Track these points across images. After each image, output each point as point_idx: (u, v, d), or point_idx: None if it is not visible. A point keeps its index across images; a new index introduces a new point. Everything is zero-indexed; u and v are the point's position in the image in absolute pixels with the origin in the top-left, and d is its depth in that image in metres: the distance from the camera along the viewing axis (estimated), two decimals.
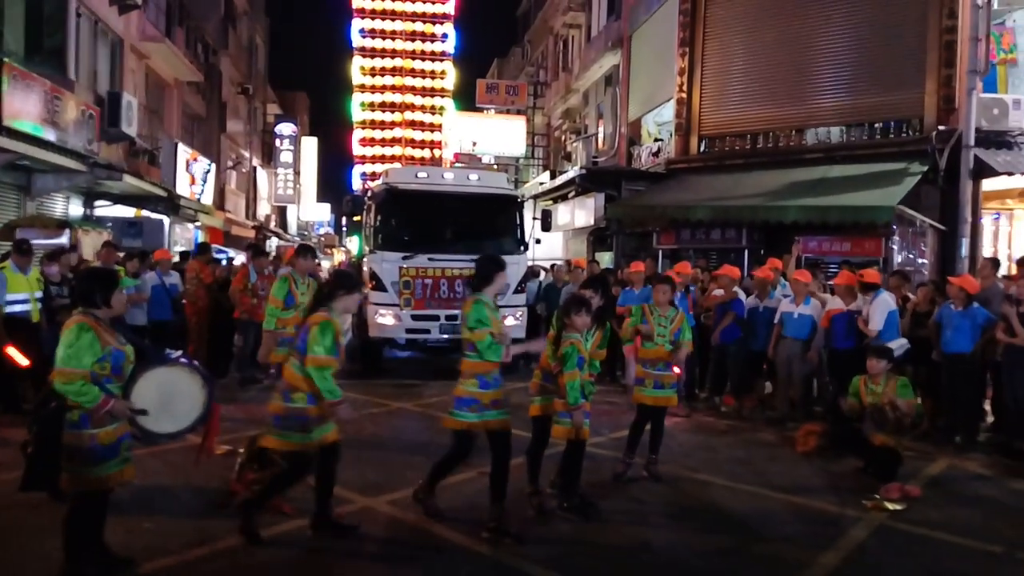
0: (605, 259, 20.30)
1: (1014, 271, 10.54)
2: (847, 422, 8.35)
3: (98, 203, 20.25)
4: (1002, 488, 7.67)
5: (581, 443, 6.43)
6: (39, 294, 9.63)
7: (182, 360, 5.32)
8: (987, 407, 9.85)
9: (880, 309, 9.35)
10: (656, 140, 22.72)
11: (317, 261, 12.41)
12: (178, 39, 26.68)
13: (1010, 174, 14.59)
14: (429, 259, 13.07)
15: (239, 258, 21.30)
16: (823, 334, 10.13)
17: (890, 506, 6.83)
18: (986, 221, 16.16)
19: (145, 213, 21.80)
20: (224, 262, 15.56)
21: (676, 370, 7.83)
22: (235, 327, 12.77)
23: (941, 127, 14.88)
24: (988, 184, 15.22)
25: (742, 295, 11.19)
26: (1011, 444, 8.78)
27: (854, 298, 9.84)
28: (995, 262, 10.71)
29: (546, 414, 6.45)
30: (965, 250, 14.30)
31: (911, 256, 15.41)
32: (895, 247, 14.61)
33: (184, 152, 25.89)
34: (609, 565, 5.55)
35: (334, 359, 5.51)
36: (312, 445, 5.60)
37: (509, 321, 13.21)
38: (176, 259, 14.84)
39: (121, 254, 12.78)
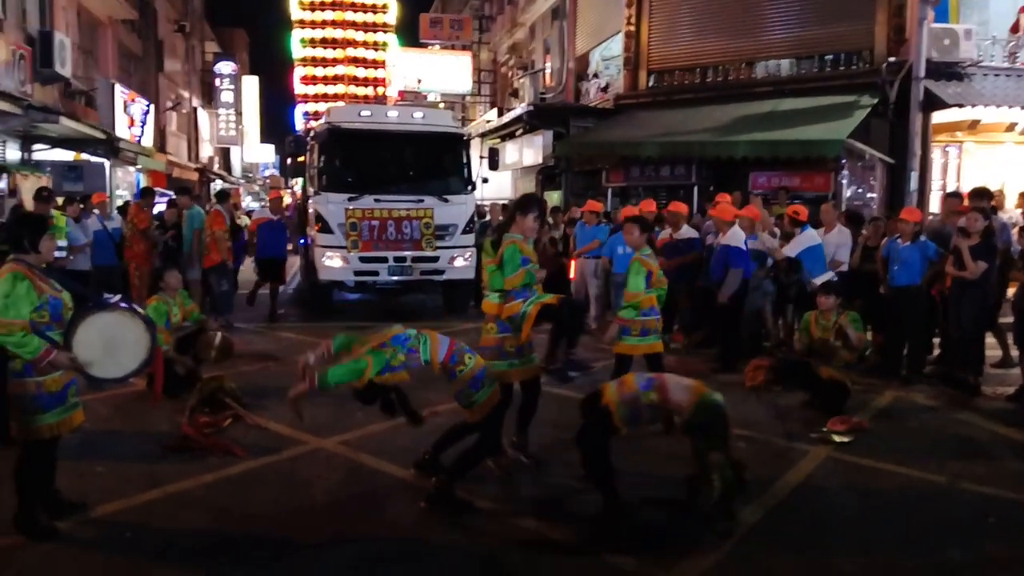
0: (554, 198, 20.19)
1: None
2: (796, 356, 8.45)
3: (36, 147, 19.65)
4: (946, 419, 7.81)
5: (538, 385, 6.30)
6: None
7: (122, 304, 5.19)
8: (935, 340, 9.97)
9: (800, 242, 9.75)
10: (595, 76, 22.49)
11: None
12: None
13: (960, 106, 14.62)
14: (375, 200, 12.88)
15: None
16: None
17: (837, 438, 6.92)
18: (936, 154, 16.14)
19: (85, 156, 21.23)
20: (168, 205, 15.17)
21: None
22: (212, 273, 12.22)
23: (892, 59, 14.87)
24: (938, 116, 15.20)
25: (694, 233, 11.15)
26: (953, 373, 8.92)
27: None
28: (958, 197, 10.64)
29: (505, 381, 5.89)
30: (914, 184, 14.41)
31: (860, 191, 15.52)
32: (844, 181, 14.69)
33: (121, 93, 25.07)
34: (552, 502, 5.62)
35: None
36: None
37: (459, 262, 13.14)
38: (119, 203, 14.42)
39: (60, 200, 12.43)
